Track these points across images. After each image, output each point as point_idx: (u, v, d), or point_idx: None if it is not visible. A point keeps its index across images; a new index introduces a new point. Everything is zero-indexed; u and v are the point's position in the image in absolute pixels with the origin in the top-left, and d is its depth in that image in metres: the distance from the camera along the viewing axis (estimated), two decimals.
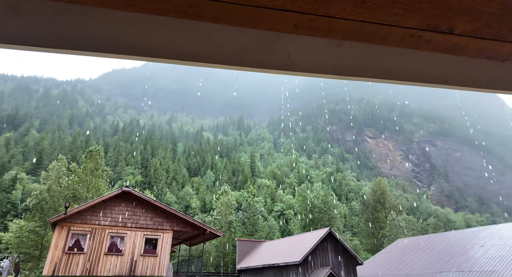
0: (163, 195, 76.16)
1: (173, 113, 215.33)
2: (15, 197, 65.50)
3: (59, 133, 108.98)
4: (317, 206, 52.01)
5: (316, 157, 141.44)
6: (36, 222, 36.13)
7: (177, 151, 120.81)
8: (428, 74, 1.30)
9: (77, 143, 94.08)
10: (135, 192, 18.80)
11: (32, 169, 79.31)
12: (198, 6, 0.99)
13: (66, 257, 16.25)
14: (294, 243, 27.54)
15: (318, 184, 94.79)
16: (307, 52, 1.18)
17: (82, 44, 1.00)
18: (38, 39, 0.97)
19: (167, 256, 18.53)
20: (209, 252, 47.67)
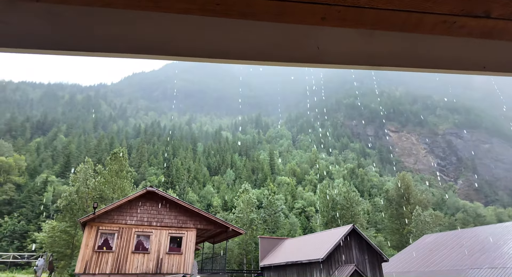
0: (185, 194, 77.63)
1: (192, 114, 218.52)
2: (47, 199, 68.82)
3: (84, 137, 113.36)
4: (339, 203, 51.31)
5: (336, 153, 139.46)
6: (67, 222, 37.76)
7: (197, 150, 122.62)
8: (465, 60, 1.25)
9: (102, 146, 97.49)
10: (159, 192, 19.27)
11: (61, 171, 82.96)
12: (225, 3, 1.00)
13: (96, 255, 16.91)
14: (317, 240, 27.34)
15: (339, 180, 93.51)
16: (337, 43, 1.16)
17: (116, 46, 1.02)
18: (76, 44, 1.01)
19: (192, 254, 18.90)
20: (231, 249, 48.17)
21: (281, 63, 1.13)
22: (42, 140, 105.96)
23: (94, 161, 48.72)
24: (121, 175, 41.30)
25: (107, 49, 1.03)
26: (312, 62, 1.13)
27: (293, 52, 1.13)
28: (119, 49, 1.03)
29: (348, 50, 1.17)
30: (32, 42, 0.99)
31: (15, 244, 59.64)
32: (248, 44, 1.10)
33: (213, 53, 1.08)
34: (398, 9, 1.06)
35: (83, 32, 1.02)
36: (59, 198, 41.79)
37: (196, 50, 1.07)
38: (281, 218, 60.16)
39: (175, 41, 1.06)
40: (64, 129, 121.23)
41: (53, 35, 1.00)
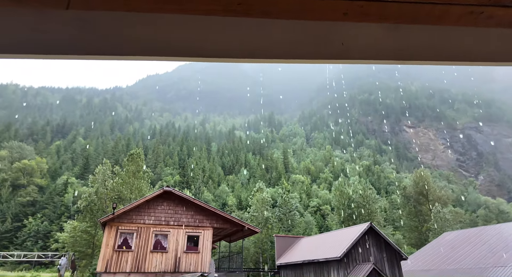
0: (201, 194, 78.45)
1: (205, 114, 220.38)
2: (68, 200, 71.01)
3: (102, 139, 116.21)
4: (355, 201, 50.63)
5: (351, 151, 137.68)
6: (87, 223, 38.80)
7: (211, 150, 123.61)
8: (494, 52, 1.20)
9: (119, 147, 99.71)
10: (176, 192, 19.55)
11: (81, 173, 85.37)
12: (246, 3, 1.01)
13: (116, 254, 17.32)
14: (334, 238, 27.11)
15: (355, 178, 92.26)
16: (362, 39, 1.15)
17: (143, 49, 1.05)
18: (105, 48, 1.04)
19: (209, 253, 19.09)
20: (247, 248, 48.38)
21: (307, 60, 1.12)
22: (62, 143, 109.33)
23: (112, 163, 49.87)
24: (138, 175, 42.12)
25: (135, 52, 1.06)
26: (338, 58, 1.13)
27: (318, 49, 1.11)
28: (146, 52, 1.06)
29: (373, 45, 1.15)
30: (64, 48, 1.03)
31: (39, 244, 61.86)
32: (271, 43, 1.10)
33: (238, 53, 1.08)
34: (422, 2, 1.04)
35: (111, 37, 1.05)
36: (79, 199, 43.00)
37: (221, 51, 1.08)
38: (296, 216, 59.94)
39: (200, 43, 1.08)
40: (82, 132, 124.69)
41: (83, 40, 1.04)
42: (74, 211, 59.24)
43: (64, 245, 43.31)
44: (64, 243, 43.13)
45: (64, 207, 69.58)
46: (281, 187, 72.20)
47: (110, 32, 1.05)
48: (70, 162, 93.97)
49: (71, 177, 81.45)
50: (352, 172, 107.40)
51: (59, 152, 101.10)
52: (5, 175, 75.54)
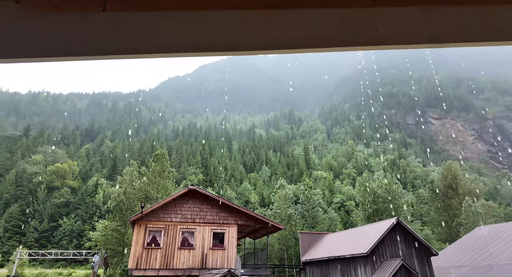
0: (224, 192, 79.49)
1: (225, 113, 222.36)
2: (98, 200, 74.20)
3: (128, 141, 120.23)
4: (380, 196, 49.51)
5: (375, 145, 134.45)
6: (117, 222, 40.38)
7: (233, 149, 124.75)
8: None
9: (144, 149, 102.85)
10: (200, 190, 20.03)
11: (109, 174, 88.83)
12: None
13: (145, 252, 18.00)
14: (359, 234, 26.75)
15: (379, 172, 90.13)
16: (396, 23, 1.11)
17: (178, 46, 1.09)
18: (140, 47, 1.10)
19: (234, 249, 19.44)
20: (272, 245, 48.60)
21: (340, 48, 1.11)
22: (91, 146, 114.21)
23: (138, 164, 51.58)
24: (163, 175, 43.35)
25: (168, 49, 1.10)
26: (372, 44, 1.10)
27: (351, 36, 1.10)
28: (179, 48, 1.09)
29: (408, 29, 1.12)
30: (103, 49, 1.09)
31: (73, 242, 65.16)
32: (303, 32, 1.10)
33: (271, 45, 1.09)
34: None
35: (145, 36, 1.11)
36: (109, 199, 44.83)
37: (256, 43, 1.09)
38: (319, 213, 59.46)
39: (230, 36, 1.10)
40: (109, 135, 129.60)
41: (119, 40, 1.10)
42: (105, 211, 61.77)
43: (97, 243, 45.25)
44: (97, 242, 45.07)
45: (95, 207, 72.73)
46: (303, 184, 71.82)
47: (144, 31, 1.11)
48: (99, 164, 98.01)
49: (100, 179, 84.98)
50: (376, 167, 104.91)
51: (89, 155, 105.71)
52: (41, 178, 79.98)
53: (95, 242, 47.30)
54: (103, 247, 40.49)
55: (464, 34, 1.12)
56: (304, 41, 1.09)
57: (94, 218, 67.57)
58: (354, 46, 1.10)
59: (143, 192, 40.85)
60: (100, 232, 42.85)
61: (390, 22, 1.11)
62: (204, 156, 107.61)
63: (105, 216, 54.71)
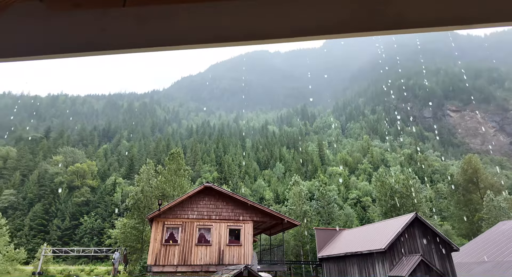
0: (238, 189, 79.93)
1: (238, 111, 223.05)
2: (117, 198, 76.09)
3: (144, 140, 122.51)
4: (398, 191, 48.61)
5: (391, 139, 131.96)
6: (135, 219, 41.28)
7: (246, 146, 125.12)
8: None
9: (160, 148, 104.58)
10: (216, 187, 20.22)
11: (127, 173, 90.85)
12: None
13: (164, 248, 18.35)
14: (377, 230, 26.40)
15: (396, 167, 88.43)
16: (418, 4, 1.06)
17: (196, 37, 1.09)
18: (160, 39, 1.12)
19: (250, 245, 19.56)
20: (287, 241, 48.62)
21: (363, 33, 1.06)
22: (108, 146, 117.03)
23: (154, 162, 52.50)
24: (179, 173, 43.97)
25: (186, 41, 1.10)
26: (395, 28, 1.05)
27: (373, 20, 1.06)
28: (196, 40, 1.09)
29: (431, 11, 1.06)
30: (125, 43, 1.11)
31: (94, 240, 67.14)
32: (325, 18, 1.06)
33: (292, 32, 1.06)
34: None
35: (165, 28, 1.12)
36: (127, 197, 45.86)
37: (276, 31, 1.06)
38: (335, 209, 58.97)
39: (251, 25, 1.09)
40: (126, 135, 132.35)
41: (140, 34, 1.12)
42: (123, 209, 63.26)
43: (116, 240, 46.42)
44: (116, 239, 46.24)
45: (114, 206, 74.61)
46: (318, 180, 71.34)
47: (163, 24, 1.12)
48: (116, 164, 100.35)
49: (118, 178, 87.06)
50: (393, 162, 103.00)
51: (107, 155, 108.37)
52: (62, 178, 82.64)
53: (114, 240, 48.53)
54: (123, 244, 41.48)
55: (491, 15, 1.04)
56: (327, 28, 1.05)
57: (113, 216, 69.38)
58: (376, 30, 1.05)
59: (159, 190, 41.56)
60: (119, 229, 43.93)
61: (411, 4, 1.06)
62: (218, 154, 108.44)
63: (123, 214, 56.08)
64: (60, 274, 44.90)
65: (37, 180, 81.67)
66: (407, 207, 46.61)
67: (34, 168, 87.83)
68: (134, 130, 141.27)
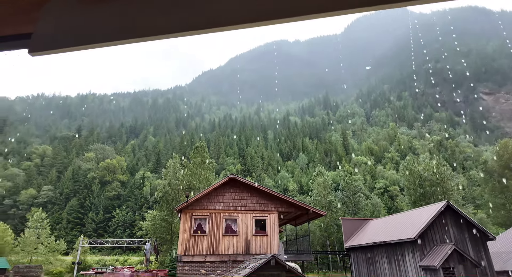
0: (262, 180, 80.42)
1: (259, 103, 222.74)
2: (146, 192, 78.98)
3: (169, 136, 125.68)
4: (427, 179, 46.92)
5: (419, 126, 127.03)
6: (164, 211, 42.74)
7: (268, 138, 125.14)
8: None
9: (184, 142, 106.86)
10: (240, 178, 20.45)
11: (154, 168, 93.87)
12: None
13: (192, 238, 18.90)
14: (406, 219, 25.73)
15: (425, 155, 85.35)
16: None
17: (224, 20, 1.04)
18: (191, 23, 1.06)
19: (277, 235, 19.73)
20: (313, 232, 48.55)
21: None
22: (135, 142, 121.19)
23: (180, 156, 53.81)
24: (204, 166, 44.88)
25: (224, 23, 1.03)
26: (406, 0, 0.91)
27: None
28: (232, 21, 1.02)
29: None
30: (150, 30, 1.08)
31: (126, 231, 70.33)
32: None
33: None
34: None
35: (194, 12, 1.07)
36: (156, 190, 47.47)
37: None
38: (361, 199, 57.98)
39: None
40: (152, 131, 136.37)
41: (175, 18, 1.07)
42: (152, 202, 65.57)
43: (147, 232, 48.36)
44: (147, 231, 48.16)
45: (143, 199, 77.56)
46: (343, 170, 70.24)
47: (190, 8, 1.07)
48: (144, 159, 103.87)
49: (146, 172, 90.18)
50: (421, 149, 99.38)
51: (134, 150, 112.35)
52: (94, 173, 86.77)
53: (145, 231, 50.56)
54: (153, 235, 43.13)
55: None
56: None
57: (143, 209, 72.18)
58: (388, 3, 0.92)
59: (186, 183, 42.65)
60: (149, 221, 45.70)
61: None
62: (241, 146, 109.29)
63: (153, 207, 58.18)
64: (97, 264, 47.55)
65: (71, 176, 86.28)
66: (437, 195, 44.97)
67: (69, 165, 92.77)
68: (159, 125, 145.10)
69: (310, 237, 27.30)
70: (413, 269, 21.40)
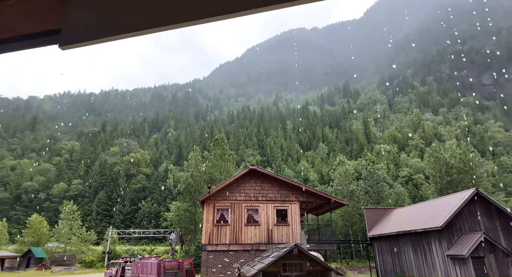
0: (281, 171, 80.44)
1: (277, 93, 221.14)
2: (169, 184, 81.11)
3: (189, 129, 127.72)
4: (454, 167, 45.19)
5: (444, 112, 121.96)
6: (188, 203, 43.80)
7: (287, 128, 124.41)
8: None
9: (204, 134, 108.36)
10: (260, 169, 20.55)
11: (177, 160, 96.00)
12: None
13: (216, 228, 19.31)
14: (432, 208, 25.01)
15: (451, 141, 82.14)
16: None
17: None
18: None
19: (298, 225, 19.78)
20: (335, 221, 48.22)
21: None
22: (158, 136, 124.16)
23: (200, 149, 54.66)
24: (224, 158, 45.42)
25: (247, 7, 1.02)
26: None
27: None
28: None
29: None
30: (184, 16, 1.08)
31: (152, 222, 72.81)
32: None
33: None
34: None
35: None
36: (179, 182, 48.59)
37: None
38: (384, 188, 56.78)
39: None
40: (173, 124, 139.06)
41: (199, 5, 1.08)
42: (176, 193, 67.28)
43: (172, 222, 49.83)
44: (172, 221, 49.62)
45: (167, 191, 79.75)
46: (365, 159, 68.90)
47: None
48: (167, 152, 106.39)
49: (169, 165, 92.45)
50: (447, 136, 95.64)
51: (157, 144, 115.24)
52: (120, 167, 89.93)
53: (170, 222, 52.11)
54: (178, 225, 44.40)
55: None
56: None
57: (167, 200, 74.30)
58: None
59: (207, 174, 43.39)
60: (173, 212, 47.03)
61: None
62: (260, 137, 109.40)
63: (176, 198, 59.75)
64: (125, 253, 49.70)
65: (99, 170, 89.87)
66: (465, 183, 43.32)
67: (95, 159, 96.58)
68: (180, 119, 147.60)
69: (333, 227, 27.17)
70: (440, 259, 20.88)
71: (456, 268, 19.59)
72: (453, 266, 19.78)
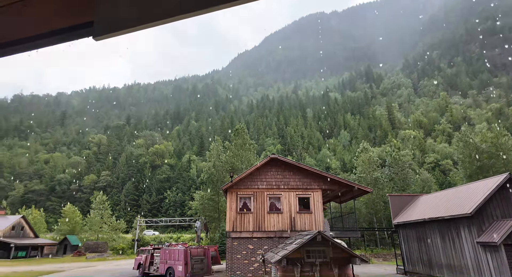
0: (303, 159, 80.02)
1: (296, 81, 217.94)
2: (193, 174, 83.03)
3: (210, 119, 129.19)
4: (485, 151, 43.14)
5: (474, 94, 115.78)
6: (211, 192, 44.76)
7: (307, 117, 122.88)
8: None
9: (225, 125, 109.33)
10: (281, 158, 20.57)
11: (199, 151, 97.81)
12: None
13: (239, 216, 19.67)
14: (460, 194, 24.15)
15: (481, 125, 78.25)
16: None
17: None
18: None
19: (321, 213, 19.77)
20: (359, 209, 47.73)
21: None
22: (180, 127, 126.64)
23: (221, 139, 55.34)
24: (245, 147, 45.77)
25: None
26: None
27: None
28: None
29: None
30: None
31: (178, 211, 75.16)
32: None
33: None
34: None
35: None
36: (202, 172, 49.60)
37: None
38: (410, 174, 55.26)
39: None
40: (194, 116, 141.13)
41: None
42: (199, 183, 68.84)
43: (196, 211, 51.24)
44: (196, 210, 51.02)
45: (191, 180, 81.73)
46: (389, 145, 67.11)
47: None
48: (189, 143, 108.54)
49: (192, 155, 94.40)
50: (477, 119, 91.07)
51: (180, 135, 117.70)
52: (145, 158, 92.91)
53: (195, 210, 53.58)
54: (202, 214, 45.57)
55: None
56: None
57: (191, 189, 76.23)
58: None
59: (229, 164, 43.97)
60: (197, 201, 48.27)
61: None
62: (280, 126, 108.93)
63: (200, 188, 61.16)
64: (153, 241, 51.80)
65: (125, 162, 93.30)
66: (497, 168, 41.36)
67: (122, 152, 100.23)
68: (200, 110, 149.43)
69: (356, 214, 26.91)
70: (470, 246, 20.25)
71: (488, 255, 18.96)
72: (484, 253, 19.16)
